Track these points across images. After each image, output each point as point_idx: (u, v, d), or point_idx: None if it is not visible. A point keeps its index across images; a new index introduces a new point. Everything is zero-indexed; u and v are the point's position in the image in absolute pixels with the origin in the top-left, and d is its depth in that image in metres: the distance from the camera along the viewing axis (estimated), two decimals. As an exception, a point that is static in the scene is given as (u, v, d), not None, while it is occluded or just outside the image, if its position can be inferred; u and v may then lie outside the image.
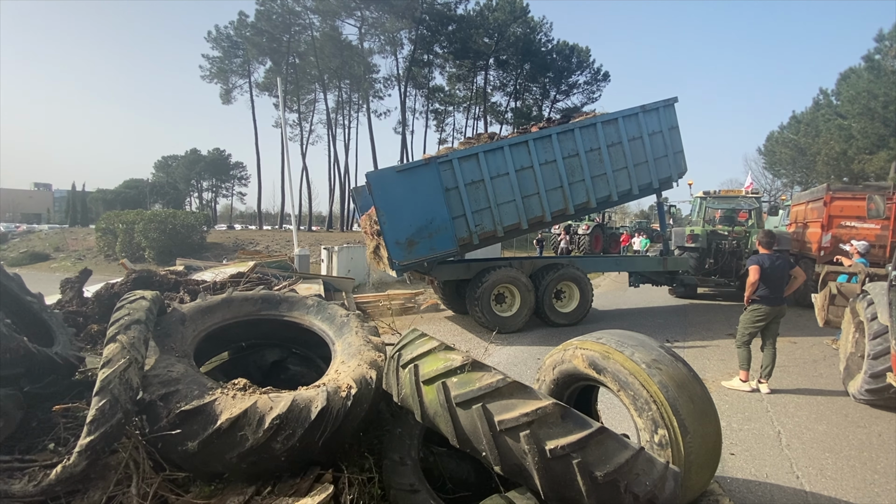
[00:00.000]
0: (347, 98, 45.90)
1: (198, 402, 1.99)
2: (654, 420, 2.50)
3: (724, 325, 9.25)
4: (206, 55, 41.28)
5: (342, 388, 2.26)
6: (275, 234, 30.06)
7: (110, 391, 1.87)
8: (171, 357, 2.26)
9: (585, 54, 48.80)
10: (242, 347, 3.03)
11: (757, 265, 5.39)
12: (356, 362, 2.52)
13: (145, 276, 5.03)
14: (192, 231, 22.80)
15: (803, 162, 38.57)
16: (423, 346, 2.15)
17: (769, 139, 46.56)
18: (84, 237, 27.75)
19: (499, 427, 1.77)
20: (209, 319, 2.73)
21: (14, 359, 2.19)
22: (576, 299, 9.04)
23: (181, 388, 2.04)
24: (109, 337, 2.06)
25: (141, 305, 2.29)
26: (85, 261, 22.51)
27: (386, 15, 39.72)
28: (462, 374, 1.93)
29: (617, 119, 8.73)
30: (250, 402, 2.02)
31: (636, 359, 2.68)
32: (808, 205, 12.17)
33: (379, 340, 2.82)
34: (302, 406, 2.08)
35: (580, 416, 1.82)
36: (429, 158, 7.95)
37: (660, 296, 12.74)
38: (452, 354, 2.05)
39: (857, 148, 28.62)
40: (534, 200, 8.33)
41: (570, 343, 2.96)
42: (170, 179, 69.77)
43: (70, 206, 49.95)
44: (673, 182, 9.54)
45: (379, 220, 7.48)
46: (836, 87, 32.24)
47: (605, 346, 2.82)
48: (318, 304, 3.07)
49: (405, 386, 2.11)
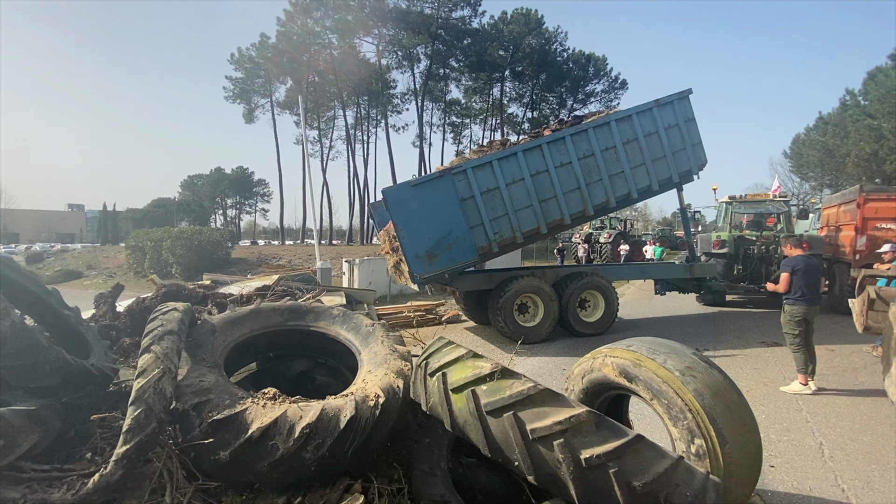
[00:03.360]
0: (366, 114, 46.70)
1: (229, 411, 2.00)
2: (690, 429, 2.41)
3: (755, 332, 8.96)
4: (230, 76, 42.65)
5: (370, 397, 2.25)
6: (297, 249, 30.51)
7: (145, 401, 1.90)
8: (203, 367, 2.29)
9: (602, 63, 48.68)
10: (270, 358, 3.05)
11: (791, 267, 5.25)
12: (383, 371, 2.51)
13: (174, 290, 5.14)
14: (218, 247, 23.32)
15: (832, 164, 37.50)
16: (450, 354, 2.13)
17: (795, 142, 45.49)
18: (115, 255, 28.66)
19: (531, 436, 1.73)
20: (238, 330, 2.76)
21: (53, 370, 2.26)
22: (601, 308, 8.89)
23: (213, 397, 2.06)
24: (144, 347, 2.10)
25: (173, 317, 2.34)
26: (116, 277, 23.22)
27: (402, 32, 40.42)
28: (492, 382, 1.90)
29: (631, 116, 8.62)
30: (280, 411, 2.03)
31: (669, 366, 2.61)
32: (839, 207, 11.78)
33: (405, 349, 2.82)
34: (331, 415, 2.08)
35: (615, 425, 1.77)
36: (443, 170, 7.98)
37: (687, 304, 12.43)
38: (481, 362, 2.02)
39: (888, 148, 27.72)
40: (551, 204, 8.25)
41: (600, 351, 2.90)
42: (195, 197, 71.75)
43: (101, 226, 51.74)
44: (693, 175, 9.34)
45: (398, 235, 7.51)
46: (864, 87, 31.41)
47: (636, 354, 2.75)
48: (344, 315, 3.09)
49: (433, 394, 2.09)
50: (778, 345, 7.96)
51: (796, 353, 5.51)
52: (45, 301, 2.82)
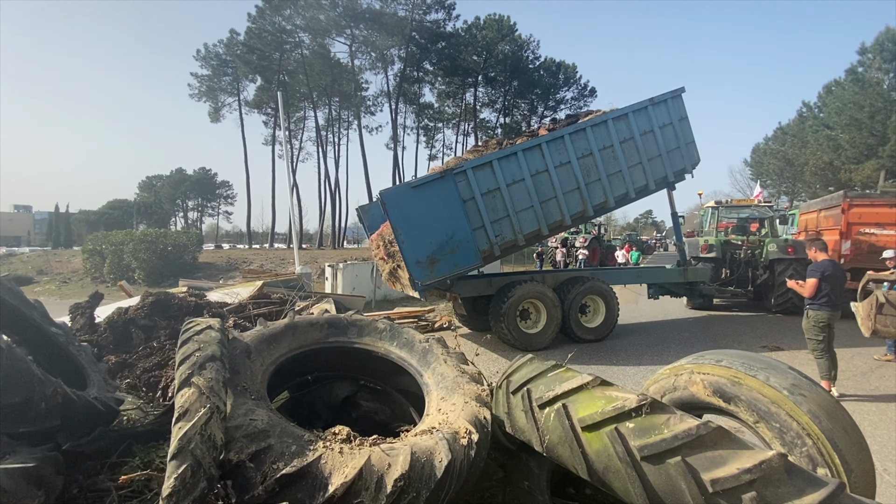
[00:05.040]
0: (337, 115, 45.74)
1: (299, 461, 1.55)
2: (811, 457, 2.10)
3: (752, 336, 8.96)
4: (195, 73, 40.93)
5: (460, 433, 1.84)
6: (267, 253, 29.38)
7: (191, 452, 1.43)
8: (248, 399, 1.82)
9: (572, 71, 49.50)
10: (308, 381, 2.58)
11: (821, 272, 5.13)
12: (460, 399, 2.10)
13: (163, 299, 4.55)
14: (184, 251, 22.08)
15: (790, 172, 39.24)
16: (567, 382, 1.75)
17: (755, 151, 47.50)
18: (69, 259, 26.75)
19: (711, 488, 1.37)
20: (275, 350, 2.29)
21: (49, 408, 1.74)
22: (601, 313, 8.70)
23: (273, 442, 1.60)
24: (182, 379, 1.62)
25: (211, 337, 1.85)
26: (71, 283, 21.60)
27: (376, 33, 39.84)
28: (639, 418, 1.53)
29: (627, 114, 8.55)
30: (362, 458, 1.59)
31: (774, 384, 2.30)
32: (819, 213, 12.08)
33: (473, 369, 2.41)
34: (424, 461, 1.66)
35: (804, 470, 1.43)
36: (444, 171, 7.61)
37: (675, 308, 12.45)
38: (614, 391, 1.65)
39: (845, 158, 29.15)
40: (552, 204, 8.04)
41: (682, 367, 2.58)
42: (154, 199, 68.63)
43: (53, 228, 48.62)
44: (687, 173, 9.35)
45: (397, 240, 7.08)
46: (821, 100, 33.01)
47: (730, 370, 2.44)
48: (391, 329, 2.66)
49: (550, 432, 1.70)
50: (779, 349, 7.94)
51: (819, 359, 5.40)
52: (26, 316, 2.25)
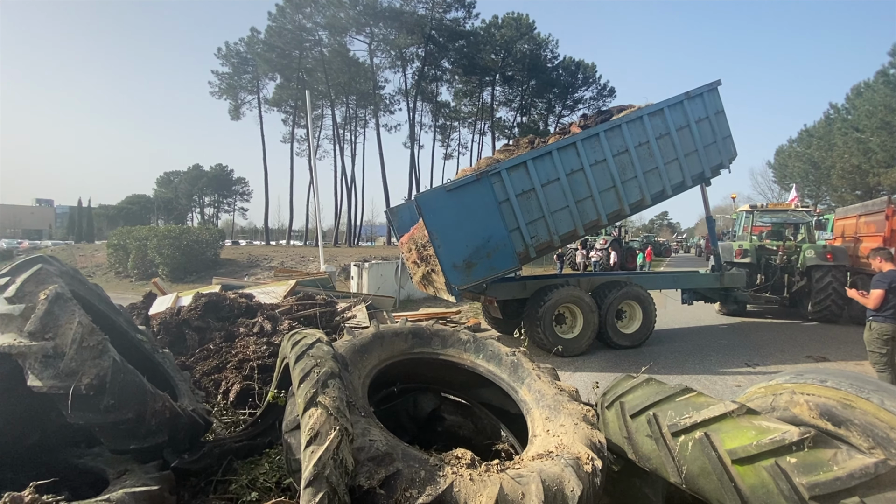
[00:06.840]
0: (354, 113, 45.84)
1: (432, 488, 1.46)
2: (939, 489, 1.96)
3: (794, 345, 8.72)
4: (216, 71, 41.30)
5: (582, 459, 1.74)
6: (286, 250, 29.52)
7: (326, 479, 1.35)
8: (360, 417, 1.74)
9: (591, 70, 49.01)
10: (394, 393, 2.49)
11: (889, 283, 4.93)
12: (569, 420, 1.99)
13: (215, 301, 4.52)
14: (207, 247, 22.27)
15: (816, 175, 38.41)
16: (706, 409, 1.63)
17: (779, 153, 46.56)
18: (92, 253, 27.19)
19: (901, 536, 1.25)
20: (367, 361, 2.21)
21: (159, 424, 1.67)
22: (638, 319, 8.53)
23: (402, 468, 1.52)
24: (307, 398, 1.54)
25: (324, 352, 1.77)
26: (95, 278, 21.92)
27: (395, 31, 39.82)
28: (801, 452, 1.42)
29: (663, 109, 8.32)
30: (495, 486, 1.50)
31: (890, 408, 2.15)
32: (859, 218, 11.72)
33: (570, 387, 2.30)
34: (555, 490, 1.56)
35: None
36: (479, 173, 7.51)
37: (705, 313, 12.21)
38: (765, 422, 1.54)
39: (874, 161, 28.41)
40: (587, 204, 7.88)
41: (780, 386, 2.43)
42: (172, 195, 69.51)
43: (75, 222, 49.48)
44: (723, 169, 9.11)
45: (433, 244, 6.99)
46: (849, 102, 32.23)
47: (840, 392, 2.28)
48: (475, 340, 2.56)
49: (690, 462, 1.59)
50: (825, 359, 7.72)
51: (882, 372, 5.19)
52: (115, 323, 2.20)
